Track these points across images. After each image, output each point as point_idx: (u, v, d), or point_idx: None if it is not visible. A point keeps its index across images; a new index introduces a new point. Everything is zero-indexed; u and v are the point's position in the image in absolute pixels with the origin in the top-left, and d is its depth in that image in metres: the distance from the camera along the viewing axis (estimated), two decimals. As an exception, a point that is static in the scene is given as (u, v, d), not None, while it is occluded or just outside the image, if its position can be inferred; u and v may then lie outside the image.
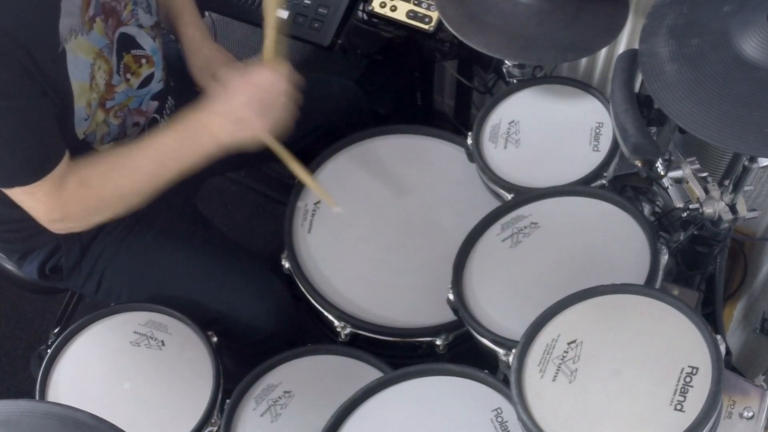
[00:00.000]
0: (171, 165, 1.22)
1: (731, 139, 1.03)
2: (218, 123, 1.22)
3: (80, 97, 1.18)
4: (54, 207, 1.19)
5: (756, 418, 1.14)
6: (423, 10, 1.58)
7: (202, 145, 1.23)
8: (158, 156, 1.22)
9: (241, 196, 2.22)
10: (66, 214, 1.21)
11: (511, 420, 1.15)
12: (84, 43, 1.17)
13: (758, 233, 1.85)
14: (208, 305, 1.42)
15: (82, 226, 1.26)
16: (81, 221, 1.25)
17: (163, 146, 1.23)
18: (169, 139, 1.23)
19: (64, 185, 1.18)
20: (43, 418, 0.70)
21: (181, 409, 1.29)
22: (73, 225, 1.25)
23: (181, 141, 1.23)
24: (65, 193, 1.18)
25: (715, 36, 1.08)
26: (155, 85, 1.34)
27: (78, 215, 1.23)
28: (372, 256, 1.44)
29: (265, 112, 1.23)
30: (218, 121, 1.22)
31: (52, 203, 1.18)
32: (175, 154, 1.23)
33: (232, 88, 1.23)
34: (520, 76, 1.51)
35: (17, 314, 2.09)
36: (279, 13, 1.32)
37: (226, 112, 1.22)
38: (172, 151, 1.23)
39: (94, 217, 1.25)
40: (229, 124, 1.22)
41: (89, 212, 1.23)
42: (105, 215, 1.25)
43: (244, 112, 1.21)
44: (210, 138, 1.22)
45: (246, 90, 1.22)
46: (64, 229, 1.26)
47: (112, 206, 1.24)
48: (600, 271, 1.21)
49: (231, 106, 1.22)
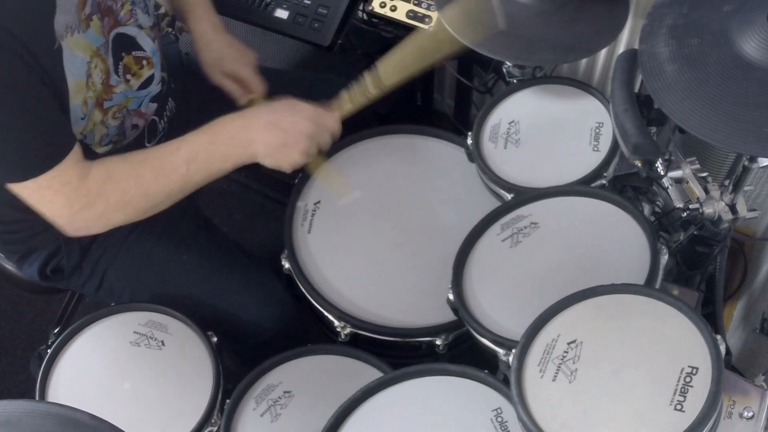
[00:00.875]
0: (201, 167, 1.20)
1: (731, 139, 1.03)
2: (267, 133, 1.21)
3: (76, 95, 1.17)
4: (75, 197, 1.15)
5: (756, 418, 1.14)
6: (423, 10, 1.58)
7: (236, 152, 1.21)
8: (190, 157, 1.20)
9: (241, 196, 2.22)
10: (88, 204, 1.16)
11: (511, 420, 1.15)
12: (81, 40, 1.16)
13: (758, 233, 1.85)
14: (211, 306, 1.42)
15: (101, 225, 1.22)
16: (101, 218, 1.20)
17: (196, 147, 1.20)
18: (203, 140, 1.21)
19: (88, 176, 1.15)
20: (43, 418, 0.70)
21: (181, 409, 1.29)
22: (92, 223, 1.20)
23: (215, 144, 1.21)
24: (89, 184, 1.15)
25: (715, 36, 1.08)
26: (155, 86, 1.34)
27: (99, 210, 1.18)
28: (372, 256, 1.44)
29: (310, 148, 1.22)
30: (268, 132, 1.21)
31: (73, 193, 1.14)
32: (208, 157, 1.21)
33: (301, 109, 1.22)
34: (520, 76, 1.51)
35: (17, 314, 2.09)
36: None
37: (283, 127, 1.21)
38: (205, 153, 1.20)
39: (115, 214, 1.20)
40: (276, 141, 1.21)
41: (112, 208, 1.19)
42: (127, 214, 1.21)
43: (298, 139, 1.20)
44: (247, 146, 1.21)
45: (314, 120, 1.22)
46: (83, 227, 1.20)
47: (136, 204, 1.20)
48: (600, 271, 1.21)
49: (292, 124, 1.21)
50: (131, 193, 1.19)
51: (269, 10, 1.61)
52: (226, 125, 1.22)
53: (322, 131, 1.25)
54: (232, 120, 1.23)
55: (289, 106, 1.25)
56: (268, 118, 1.22)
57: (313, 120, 1.23)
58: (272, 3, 1.62)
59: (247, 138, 1.21)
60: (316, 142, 1.24)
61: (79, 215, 1.18)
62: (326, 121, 1.26)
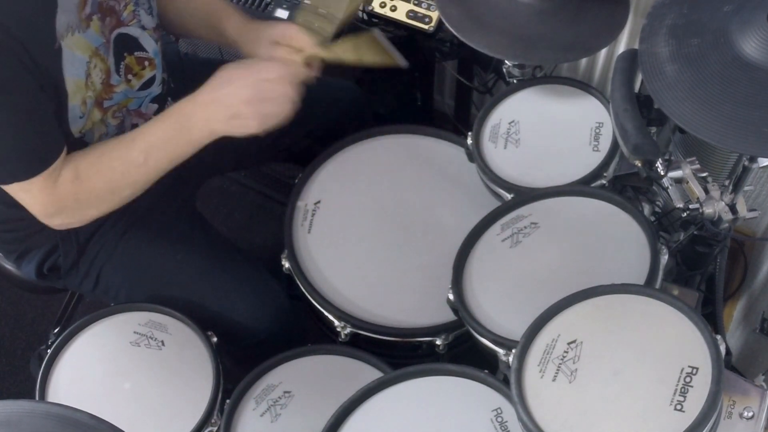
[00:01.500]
0: (161, 156, 1.21)
1: (731, 139, 1.03)
2: (213, 112, 1.19)
3: (75, 95, 1.17)
4: (49, 202, 1.19)
5: (756, 418, 1.14)
6: (423, 10, 1.58)
7: (192, 136, 1.20)
8: (148, 147, 1.20)
9: (241, 196, 2.22)
10: (60, 209, 1.21)
11: (511, 420, 1.15)
12: (80, 40, 1.16)
13: (758, 233, 1.85)
14: (205, 306, 1.42)
15: (79, 221, 1.26)
16: (77, 216, 1.24)
17: (152, 137, 1.21)
18: (158, 129, 1.21)
19: (58, 180, 1.17)
20: (43, 418, 0.70)
21: (181, 409, 1.29)
22: (69, 220, 1.25)
23: (171, 133, 1.21)
24: (60, 188, 1.18)
25: (715, 36, 1.08)
26: (156, 87, 1.34)
27: (73, 209, 1.22)
28: (372, 256, 1.44)
29: (264, 112, 1.19)
30: (214, 111, 1.19)
31: (46, 198, 1.18)
32: (166, 146, 1.21)
33: (236, 78, 1.19)
34: (520, 76, 1.51)
35: (17, 314, 2.09)
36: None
37: (224, 104, 1.19)
38: (161, 141, 1.21)
39: (89, 210, 1.24)
40: (225, 116, 1.19)
41: (83, 206, 1.22)
42: (100, 209, 1.24)
43: (243, 108, 1.18)
44: (202, 128, 1.20)
45: (250, 85, 1.18)
46: (62, 224, 1.25)
47: (106, 199, 1.23)
48: (600, 271, 1.21)
49: (231, 99, 1.18)
50: (98, 190, 1.22)
51: (269, 10, 1.61)
52: (177, 110, 1.21)
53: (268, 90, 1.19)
54: (183, 104, 1.22)
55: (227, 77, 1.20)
56: (209, 96, 1.20)
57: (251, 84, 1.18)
58: (272, 3, 1.62)
59: (197, 120, 1.20)
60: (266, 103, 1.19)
61: (55, 216, 1.23)
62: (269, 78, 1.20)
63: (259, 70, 1.20)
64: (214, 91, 1.20)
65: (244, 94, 1.18)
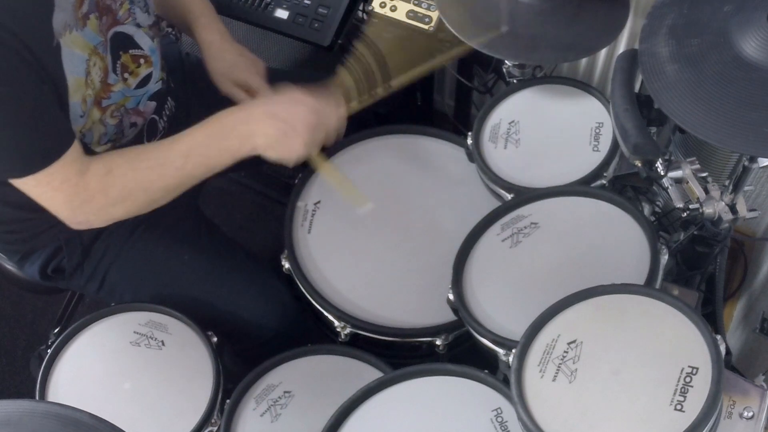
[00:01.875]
0: (199, 161, 1.20)
1: (731, 139, 1.03)
2: (266, 124, 1.19)
3: (75, 93, 1.17)
4: (74, 194, 1.16)
5: (756, 418, 1.14)
6: (423, 10, 1.58)
7: (234, 147, 1.20)
8: (188, 150, 1.19)
9: (241, 196, 2.22)
10: (87, 201, 1.17)
11: (511, 420, 1.15)
12: (78, 38, 1.16)
13: (758, 233, 1.85)
14: (212, 307, 1.42)
15: (103, 219, 1.22)
16: (102, 213, 1.20)
17: (194, 141, 1.20)
18: (201, 134, 1.20)
19: (87, 171, 1.15)
20: (43, 418, 0.70)
21: (181, 409, 1.29)
22: (93, 217, 1.21)
23: (215, 141, 1.20)
24: (89, 179, 1.15)
25: (715, 36, 1.08)
26: (153, 85, 1.34)
27: (99, 204, 1.18)
28: (372, 256, 1.44)
29: (312, 139, 1.21)
30: (268, 123, 1.19)
31: (72, 190, 1.15)
32: (206, 151, 1.20)
33: (301, 99, 1.21)
34: (520, 76, 1.51)
35: (17, 314, 2.09)
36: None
37: (284, 121, 1.19)
38: (203, 147, 1.20)
39: (115, 208, 1.21)
40: (276, 132, 1.19)
41: (111, 202, 1.19)
42: (127, 209, 1.21)
43: (302, 130, 1.19)
44: (246, 139, 1.20)
45: (315, 110, 1.20)
46: (84, 221, 1.21)
47: (136, 199, 1.20)
48: (600, 271, 1.21)
49: (294, 119, 1.19)
50: (130, 188, 1.19)
51: (269, 10, 1.61)
52: (224, 118, 1.22)
53: (325, 122, 1.24)
54: (231, 113, 1.22)
55: (290, 97, 1.23)
56: (268, 110, 1.21)
57: (315, 111, 1.22)
58: (272, 3, 1.62)
59: (246, 130, 1.20)
60: (318, 134, 1.23)
61: (79, 210, 1.18)
62: (329, 113, 1.24)
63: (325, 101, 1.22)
64: (274, 106, 1.21)
65: (308, 117, 1.20)
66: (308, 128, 1.20)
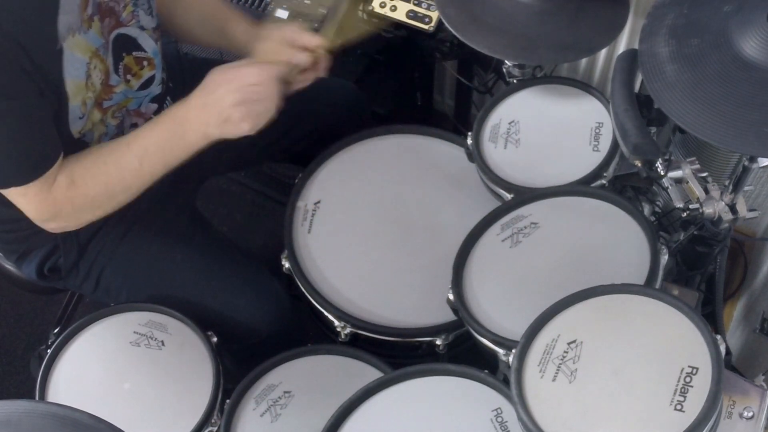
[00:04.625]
0: (156, 161, 1.21)
1: (731, 139, 1.03)
2: (205, 117, 1.20)
3: (75, 96, 1.17)
4: (44, 206, 1.20)
5: (756, 418, 1.14)
6: (423, 10, 1.58)
7: (187, 141, 1.21)
8: (143, 152, 1.21)
9: (241, 196, 2.22)
10: (56, 213, 1.21)
11: (511, 420, 1.15)
12: (81, 41, 1.16)
13: (758, 233, 1.85)
14: (205, 306, 1.42)
15: (75, 225, 1.26)
16: (72, 220, 1.25)
17: (147, 141, 1.21)
18: (153, 134, 1.22)
19: (54, 185, 1.18)
20: (43, 418, 0.70)
21: (181, 409, 1.29)
22: (65, 224, 1.25)
23: (165, 137, 1.21)
24: (55, 192, 1.18)
25: (715, 36, 1.08)
26: (155, 87, 1.34)
27: (68, 214, 1.23)
28: (372, 256, 1.44)
29: (253, 113, 1.20)
30: (205, 116, 1.20)
31: (41, 203, 1.19)
32: (161, 151, 1.21)
33: (223, 83, 1.20)
34: (520, 76, 1.51)
35: (17, 314, 2.09)
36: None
37: (214, 109, 1.19)
38: (156, 146, 1.21)
39: (84, 214, 1.24)
40: (217, 120, 1.19)
41: (79, 210, 1.23)
42: (95, 213, 1.25)
43: (232, 112, 1.18)
44: (195, 133, 1.20)
45: (237, 89, 1.19)
46: (57, 228, 1.26)
47: (101, 204, 1.24)
48: (600, 271, 1.21)
49: (221, 103, 1.19)
50: (92, 195, 1.22)
51: (269, 10, 1.61)
52: (171, 115, 1.22)
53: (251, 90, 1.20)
54: (176, 109, 1.22)
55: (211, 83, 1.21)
56: (198, 101, 1.21)
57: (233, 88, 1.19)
58: (272, 3, 1.62)
59: (191, 125, 1.21)
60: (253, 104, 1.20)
61: (50, 220, 1.23)
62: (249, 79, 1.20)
63: (244, 75, 1.20)
64: (204, 95, 1.21)
65: (232, 98, 1.19)
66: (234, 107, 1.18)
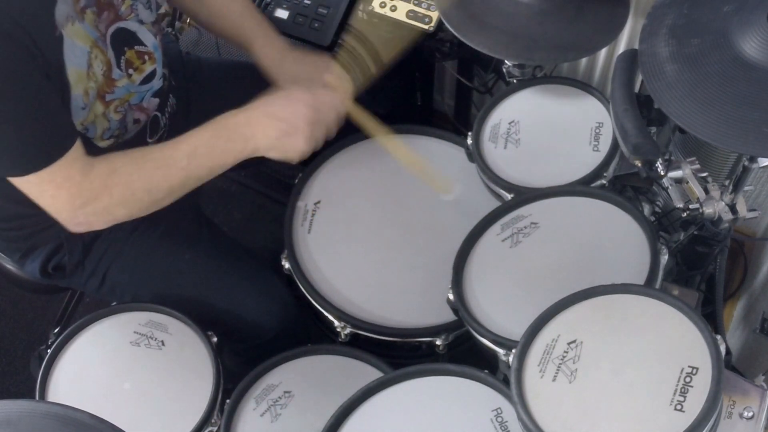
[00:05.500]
0: (203, 162, 1.21)
1: (731, 139, 1.03)
2: (266, 125, 1.20)
3: (77, 85, 1.17)
4: (78, 192, 1.15)
5: (756, 418, 1.14)
6: (423, 10, 1.58)
7: (238, 148, 1.21)
8: (192, 151, 1.20)
9: (241, 196, 2.22)
10: (90, 200, 1.16)
11: (511, 420, 1.15)
12: (80, 30, 1.16)
13: (758, 233, 1.85)
14: (213, 306, 1.42)
15: (105, 220, 1.22)
16: (104, 213, 1.20)
17: (197, 142, 1.21)
18: (204, 135, 1.22)
19: (91, 170, 1.15)
20: (43, 418, 0.70)
21: (181, 409, 1.29)
22: (93, 218, 1.20)
23: (218, 141, 1.21)
24: (93, 179, 1.15)
25: (715, 36, 1.08)
26: (156, 82, 1.34)
27: (103, 204, 1.18)
28: (372, 256, 1.44)
29: (312, 135, 1.22)
30: (267, 124, 1.20)
31: (75, 188, 1.15)
32: (209, 152, 1.21)
33: (297, 97, 1.22)
34: (520, 76, 1.51)
35: (17, 314, 2.09)
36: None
37: (283, 120, 1.20)
38: (206, 148, 1.21)
39: (118, 209, 1.20)
40: (277, 130, 1.20)
41: (115, 202, 1.19)
42: (130, 209, 1.22)
43: (303, 126, 1.20)
44: (247, 141, 1.21)
45: (312, 105, 1.21)
46: (84, 222, 1.20)
47: (140, 199, 1.20)
48: (600, 271, 1.21)
49: (292, 117, 1.20)
50: (134, 187, 1.19)
51: (269, 10, 1.61)
52: (226, 120, 1.23)
53: (324, 116, 1.25)
54: (234, 115, 1.23)
55: (287, 96, 1.24)
56: (266, 110, 1.22)
57: (312, 105, 1.23)
58: (272, 3, 1.62)
59: (247, 132, 1.22)
60: (319, 129, 1.24)
61: (81, 210, 1.18)
62: (327, 106, 1.25)
63: (321, 95, 1.23)
64: (272, 106, 1.22)
65: (307, 113, 1.21)
66: (308, 125, 1.22)
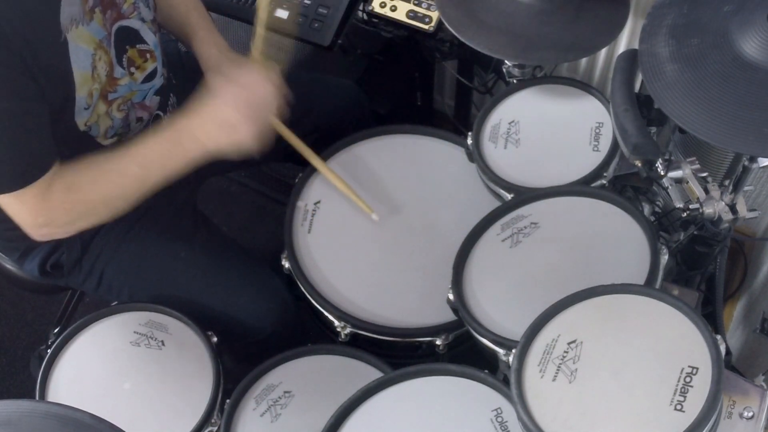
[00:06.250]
0: (156, 170, 1.22)
1: (731, 139, 1.03)
2: (204, 128, 1.21)
3: (82, 87, 1.18)
4: (39, 211, 1.18)
5: (756, 418, 1.14)
6: (423, 10, 1.58)
7: (187, 151, 1.22)
8: (144, 161, 1.21)
9: (241, 196, 2.22)
10: (51, 219, 1.20)
11: (511, 420, 1.15)
12: (84, 33, 1.17)
13: (758, 233, 1.85)
14: (210, 305, 1.42)
15: (66, 232, 1.25)
16: (65, 226, 1.23)
17: (149, 151, 1.22)
18: (155, 144, 1.22)
19: (50, 189, 1.17)
20: (43, 418, 0.70)
21: (181, 409, 1.29)
22: (57, 230, 1.24)
23: (166, 146, 1.22)
24: (51, 198, 1.17)
25: (715, 36, 1.08)
26: (158, 80, 1.35)
27: (63, 220, 1.21)
28: (372, 256, 1.44)
29: (252, 116, 1.21)
30: (204, 126, 1.21)
31: (37, 207, 1.17)
32: (161, 160, 1.22)
33: (218, 91, 1.22)
34: (520, 76, 1.51)
35: (17, 314, 2.09)
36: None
37: (211, 116, 1.21)
38: (157, 156, 1.22)
39: (78, 222, 1.24)
40: (215, 128, 1.21)
41: (74, 217, 1.22)
42: (90, 221, 1.24)
43: (230, 115, 1.20)
44: (195, 143, 1.22)
45: (232, 93, 1.21)
46: (48, 235, 1.24)
47: (98, 211, 1.23)
48: (600, 271, 1.21)
49: (217, 110, 1.21)
50: (93, 201, 1.22)
51: (269, 10, 1.61)
52: (172, 127, 1.23)
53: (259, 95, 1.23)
54: (178, 120, 1.24)
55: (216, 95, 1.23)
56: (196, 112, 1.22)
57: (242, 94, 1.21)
58: (272, 3, 1.62)
59: (193, 137, 1.22)
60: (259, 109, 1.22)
61: (43, 225, 1.21)
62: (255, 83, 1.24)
63: (237, 79, 1.22)
64: (202, 105, 1.22)
65: (229, 101, 1.21)
66: (246, 115, 1.20)
